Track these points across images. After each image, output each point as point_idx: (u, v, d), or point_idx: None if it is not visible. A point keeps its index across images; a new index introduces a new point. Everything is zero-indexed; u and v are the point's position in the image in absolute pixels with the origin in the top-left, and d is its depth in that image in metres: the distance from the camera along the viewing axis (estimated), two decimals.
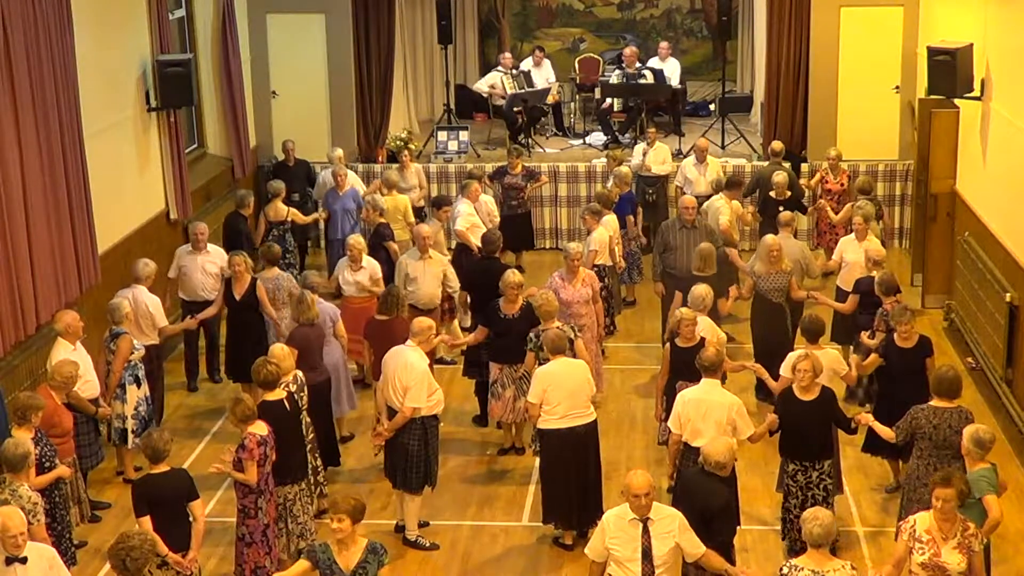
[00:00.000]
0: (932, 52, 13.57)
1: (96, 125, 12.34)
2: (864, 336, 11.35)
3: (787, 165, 15.57)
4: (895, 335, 10.39)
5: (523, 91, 18.74)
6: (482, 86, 19.35)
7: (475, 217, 14.38)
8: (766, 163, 16.41)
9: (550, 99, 19.24)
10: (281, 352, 9.97)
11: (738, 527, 8.79)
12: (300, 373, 10.15)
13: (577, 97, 20.23)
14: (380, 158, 17.82)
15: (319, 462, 10.46)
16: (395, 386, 9.91)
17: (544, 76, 19.61)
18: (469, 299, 12.79)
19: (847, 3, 16.70)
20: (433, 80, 20.45)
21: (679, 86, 19.41)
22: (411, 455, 9.96)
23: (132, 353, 10.85)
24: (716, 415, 9.34)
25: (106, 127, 12.78)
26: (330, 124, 17.76)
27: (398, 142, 17.90)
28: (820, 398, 9.40)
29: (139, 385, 10.98)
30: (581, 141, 18.85)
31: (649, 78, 18.75)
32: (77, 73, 11.71)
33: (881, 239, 13.56)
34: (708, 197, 15.17)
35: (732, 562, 8.27)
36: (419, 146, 18.24)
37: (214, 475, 9.96)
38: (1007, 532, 9.65)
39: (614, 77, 18.98)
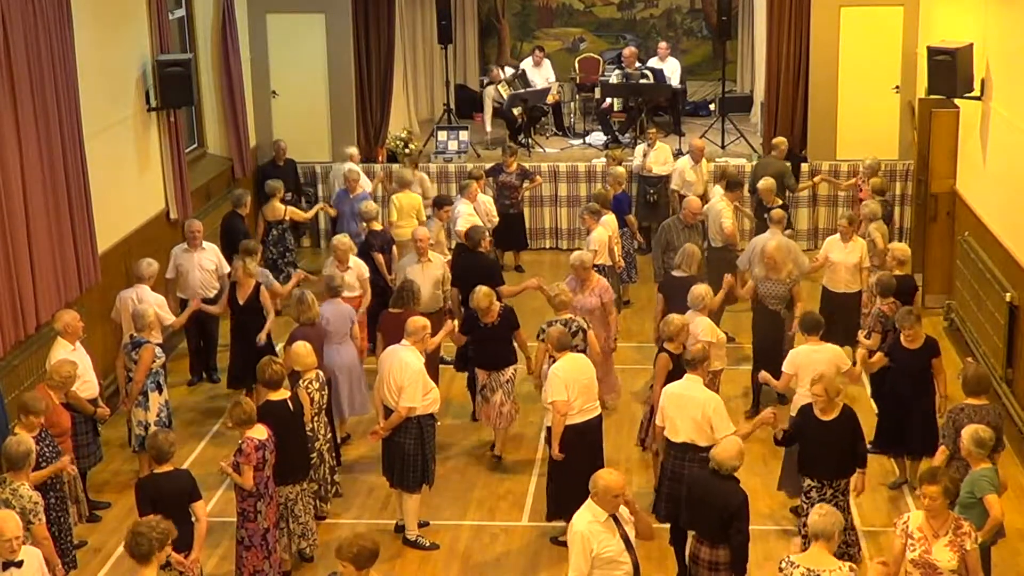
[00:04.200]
0: (932, 52, 13.57)
1: (96, 125, 12.34)
2: (861, 335, 11.35)
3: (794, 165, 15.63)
4: (901, 336, 10.39)
5: (523, 91, 18.74)
6: (488, 117, 19.15)
7: (475, 217, 14.38)
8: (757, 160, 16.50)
9: (550, 99, 19.24)
10: (304, 349, 10.02)
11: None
12: (322, 372, 10.18)
13: (577, 97, 20.22)
14: (380, 158, 17.83)
15: (336, 461, 10.54)
16: (390, 385, 9.92)
17: (544, 76, 19.61)
18: (459, 294, 12.85)
19: (847, 3, 16.70)
20: (433, 80, 20.45)
21: (679, 86, 19.42)
22: (408, 454, 9.97)
23: (154, 362, 10.86)
24: (691, 411, 9.33)
25: (106, 127, 12.78)
26: (330, 124, 17.76)
27: (398, 142, 17.90)
28: (840, 418, 9.20)
29: (160, 391, 10.96)
30: (581, 141, 18.85)
31: (649, 78, 18.76)
32: (77, 73, 11.71)
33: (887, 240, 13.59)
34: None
35: (745, 568, 8.28)
36: (419, 146, 18.25)
37: (214, 474, 10.00)
38: (1007, 532, 9.63)
39: (614, 77, 18.99)
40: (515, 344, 11.49)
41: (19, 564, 7.45)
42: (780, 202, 14.53)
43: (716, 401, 9.41)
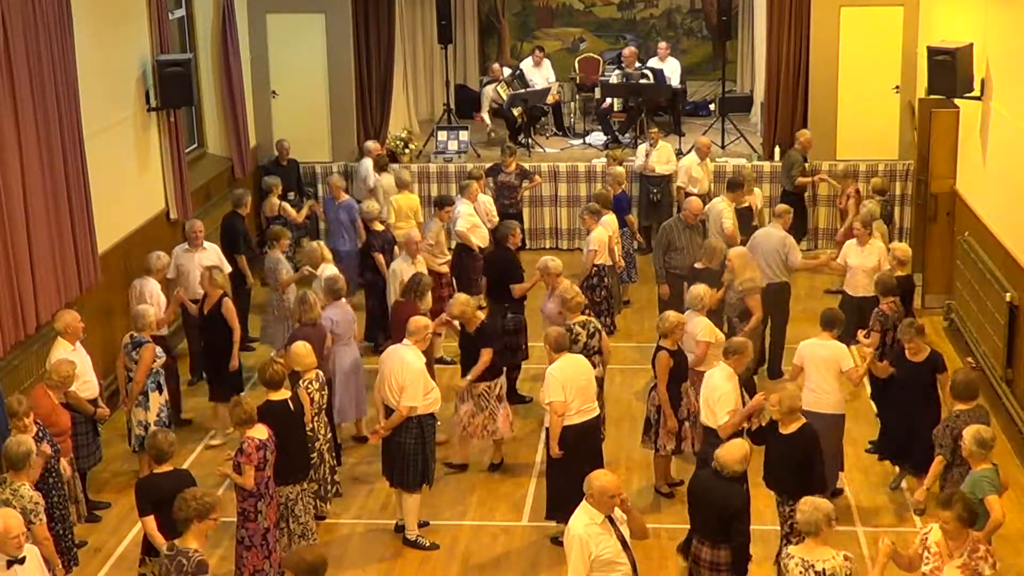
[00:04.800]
0: (932, 52, 13.56)
1: (96, 125, 12.34)
2: (860, 335, 11.33)
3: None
4: (905, 348, 10.37)
5: (523, 91, 18.74)
6: (485, 114, 19.20)
7: (475, 217, 14.41)
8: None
9: (550, 99, 19.24)
10: (304, 349, 10.03)
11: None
12: (321, 372, 10.19)
13: (577, 97, 20.22)
14: None
15: (336, 461, 10.57)
16: (391, 385, 9.92)
17: (544, 76, 19.62)
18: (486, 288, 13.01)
19: (847, 3, 16.70)
20: (433, 80, 20.44)
21: (679, 86, 19.42)
22: (408, 454, 9.97)
23: (155, 361, 10.85)
24: (706, 393, 9.57)
25: (106, 127, 12.78)
26: (330, 124, 17.77)
27: (398, 142, 17.91)
28: (796, 434, 8.97)
29: (161, 391, 10.96)
30: (581, 141, 18.85)
31: (649, 78, 18.76)
32: (77, 73, 11.71)
33: (887, 240, 13.56)
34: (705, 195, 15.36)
35: (746, 569, 8.30)
36: (419, 146, 18.25)
37: (214, 475, 9.99)
38: (1008, 532, 9.65)
39: (614, 77, 18.99)
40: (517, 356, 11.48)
41: (21, 561, 7.47)
42: (747, 203, 14.59)
43: (724, 392, 9.53)
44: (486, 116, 19.05)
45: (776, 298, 12.98)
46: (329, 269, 12.46)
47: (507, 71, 19.52)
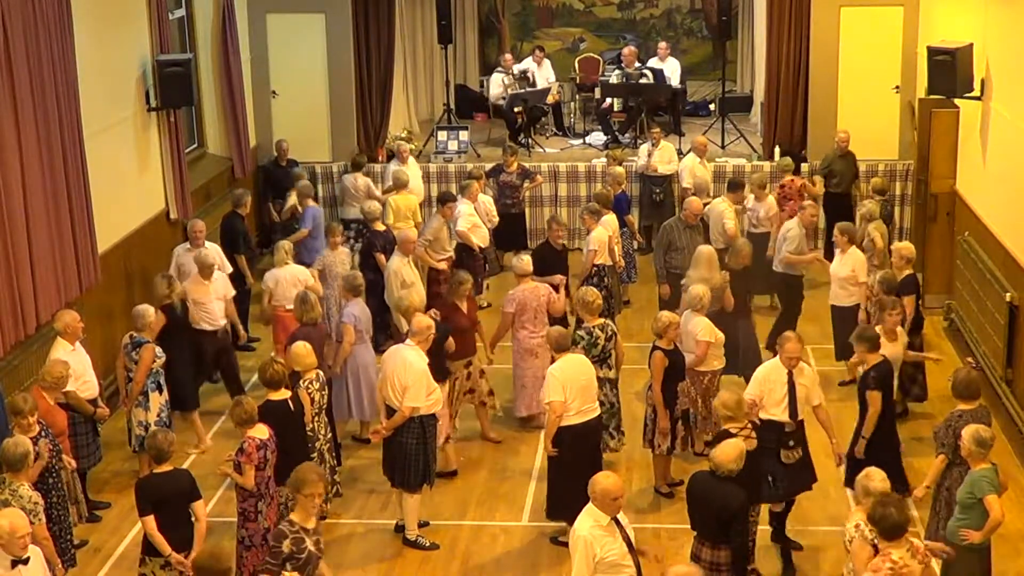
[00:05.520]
0: (932, 52, 13.57)
1: (96, 125, 12.34)
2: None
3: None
4: None
5: (523, 91, 18.75)
6: (495, 95, 19.28)
7: (475, 217, 14.45)
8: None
9: (550, 99, 19.25)
10: (304, 350, 10.04)
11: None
12: (322, 372, 10.21)
13: (577, 97, 20.23)
14: (380, 158, 17.83)
15: (336, 461, 10.58)
16: (394, 385, 9.92)
17: (544, 76, 19.62)
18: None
19: (847, 3, 16.70)
20: (433, 80, 20.45)
21: (679, 86, 19.43)
22: (409, 454, 9.97)
23: (155, 361, 10.85)
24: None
25: (106, 127, 12.78)
26: (330, 124, 17.77)
27: (398, 142, 17.91)
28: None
29: (161, 392, 10.96)
30: (581, 141, 18.86)
31: (649, 78, 18.77)
32: (77, 73, 11.71)
33: (888, 239, 13.53)
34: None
35: (746, 569, 8.33)
36: (419, 146, 18.25)
37: (214, 475, 9.99)
38: (1007, 532, 9.65)
39: (614, 77, 18.99)
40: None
41: (26, 561, 7.48)
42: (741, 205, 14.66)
43: (757, 377, 9.74)
44: (495, 93, 19.02)
45: (778, 290, 13.04)
46: (289, 269, 12.57)
47: (517, 69, 19.49)
